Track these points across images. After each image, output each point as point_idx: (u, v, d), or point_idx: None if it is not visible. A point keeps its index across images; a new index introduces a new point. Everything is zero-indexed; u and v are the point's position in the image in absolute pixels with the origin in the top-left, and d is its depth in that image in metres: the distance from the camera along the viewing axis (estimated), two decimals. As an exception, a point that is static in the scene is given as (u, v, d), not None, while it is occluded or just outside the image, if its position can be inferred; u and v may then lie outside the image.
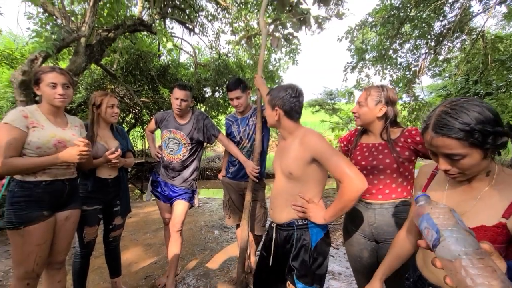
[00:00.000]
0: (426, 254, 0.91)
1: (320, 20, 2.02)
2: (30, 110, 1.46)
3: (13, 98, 7.02)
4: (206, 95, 8.60)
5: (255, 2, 6.15)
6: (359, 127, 1.58)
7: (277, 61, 8.35)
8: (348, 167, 1.14)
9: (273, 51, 7.76)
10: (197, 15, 6.77)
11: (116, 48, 6.59)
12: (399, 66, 5.72)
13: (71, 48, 4.91)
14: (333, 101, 9.85)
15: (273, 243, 1.36)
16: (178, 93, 2.03)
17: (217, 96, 8.64)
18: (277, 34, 2.10)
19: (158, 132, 2.43)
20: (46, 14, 4.22)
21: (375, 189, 1.40)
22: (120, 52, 6.83)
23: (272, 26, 2.12)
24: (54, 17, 4.10)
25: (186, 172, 2.14)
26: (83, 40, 4.08)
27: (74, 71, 3.87)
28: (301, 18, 1.95)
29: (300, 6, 1.99)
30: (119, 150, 1.85)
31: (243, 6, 6.43)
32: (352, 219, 1.48)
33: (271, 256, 1.35)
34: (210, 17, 6.90)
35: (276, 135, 12.58)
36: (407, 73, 5.62)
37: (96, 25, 4.41)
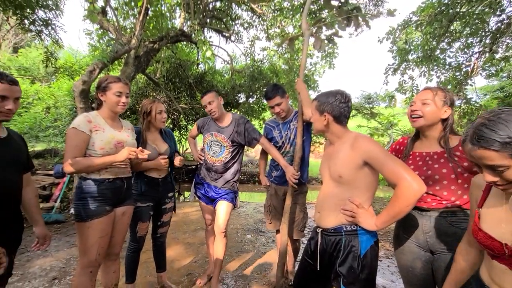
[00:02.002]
0: (492, 269, 0.84)
1: (367, 18, 1.96)
2: (93, 116, 1.63)
3: (71, 106, 7.88)
4: (240, 101, 8.79)
5: (290, 7, 6.18)
6: (409, 136, 1.49)
7: (313, 66, 8.25)
8: (405, 169, 1.09)
9: (309, 55, 7.70)
10: (233, 23, 7.01)
11: (159, 58, 7.08)
12: (447, 66, 5.28)
13: (120, 59, 5.39)
14: (371, 105, 9.38)
15: (318, 248, 1.34)
16: (203, 100, 2.17)
17: (251, 102, 8.79)
18: (321, 36, 2.08)
19: (199, 137, 2.55)
20: (102, 30, 4.71)
21: (430, 198, 1.31)
22: (163, 61, 7.33)
23: (315, 28, 2.11)
24: (109, 32, 4.55)
25: (228, 174, 2.21)
26: (132, 51, 4.46)
27: (124, 80, 4.24)
28: (349, 17, 1.91)
29: (350, 1, 1.95)
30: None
31: (278, 13, 6.51)
32: (405, 226, 1.40)
33: (318, 262, 1.32)
34: (245, 25, 7.10)
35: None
36: (457, 74, 5.16)
37: (143, 37, 4.79)
